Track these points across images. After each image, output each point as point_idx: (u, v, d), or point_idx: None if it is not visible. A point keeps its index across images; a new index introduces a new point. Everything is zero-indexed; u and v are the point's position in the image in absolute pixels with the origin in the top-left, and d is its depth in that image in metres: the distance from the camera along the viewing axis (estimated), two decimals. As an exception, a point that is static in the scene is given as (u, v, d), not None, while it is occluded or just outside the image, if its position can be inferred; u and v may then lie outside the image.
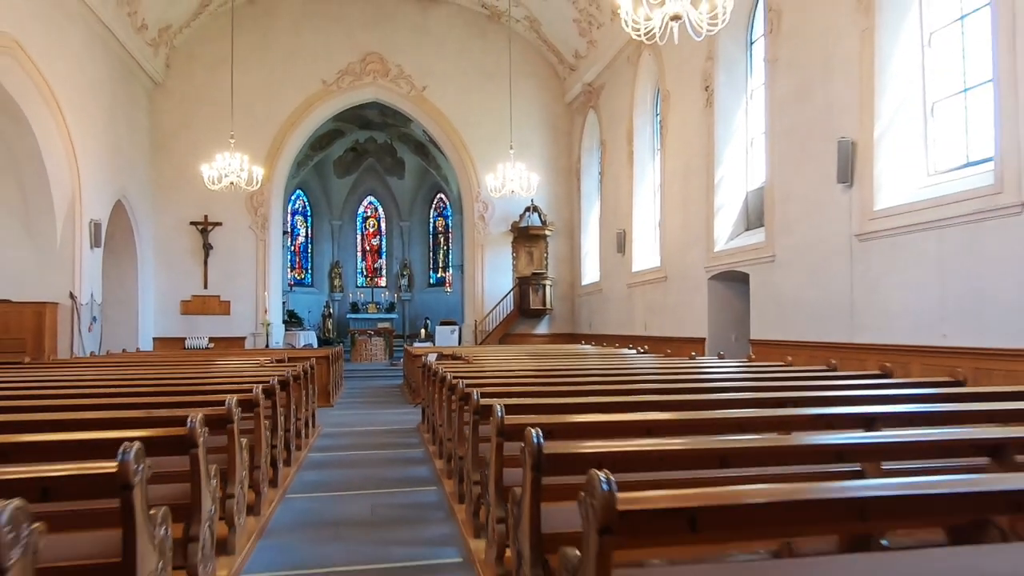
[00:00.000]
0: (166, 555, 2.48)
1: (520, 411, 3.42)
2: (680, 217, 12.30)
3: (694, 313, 11.61)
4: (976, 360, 6.21)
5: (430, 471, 6.01)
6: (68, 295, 11.78)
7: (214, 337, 16.29)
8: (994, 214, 6.01)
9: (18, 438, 2.68)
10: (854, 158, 7.76)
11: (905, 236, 7.06)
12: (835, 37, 8.13)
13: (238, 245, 16.68)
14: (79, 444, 2.66)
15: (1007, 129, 5.88)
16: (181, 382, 5.48)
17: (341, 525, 4.39)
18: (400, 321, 23.53)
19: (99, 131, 13.02)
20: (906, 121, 7.43)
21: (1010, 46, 5.85)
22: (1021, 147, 5.74)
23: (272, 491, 5.04)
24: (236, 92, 14.86)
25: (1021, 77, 5.75)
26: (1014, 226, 5.83)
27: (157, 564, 2.38)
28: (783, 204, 9.17)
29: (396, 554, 3.81)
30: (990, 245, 6.08)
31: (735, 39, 10.88)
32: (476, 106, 17.45)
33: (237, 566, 3.54)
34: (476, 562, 3.60)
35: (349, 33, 17.24)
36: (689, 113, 11.90)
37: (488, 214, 17.83)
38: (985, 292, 6.14)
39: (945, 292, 6.57)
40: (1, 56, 9.84)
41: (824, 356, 7.49)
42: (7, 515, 1.41)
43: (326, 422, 9.16)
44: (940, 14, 7.25)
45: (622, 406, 3.83)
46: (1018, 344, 5.81)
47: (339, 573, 3.57)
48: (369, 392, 13.67)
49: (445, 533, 4.19)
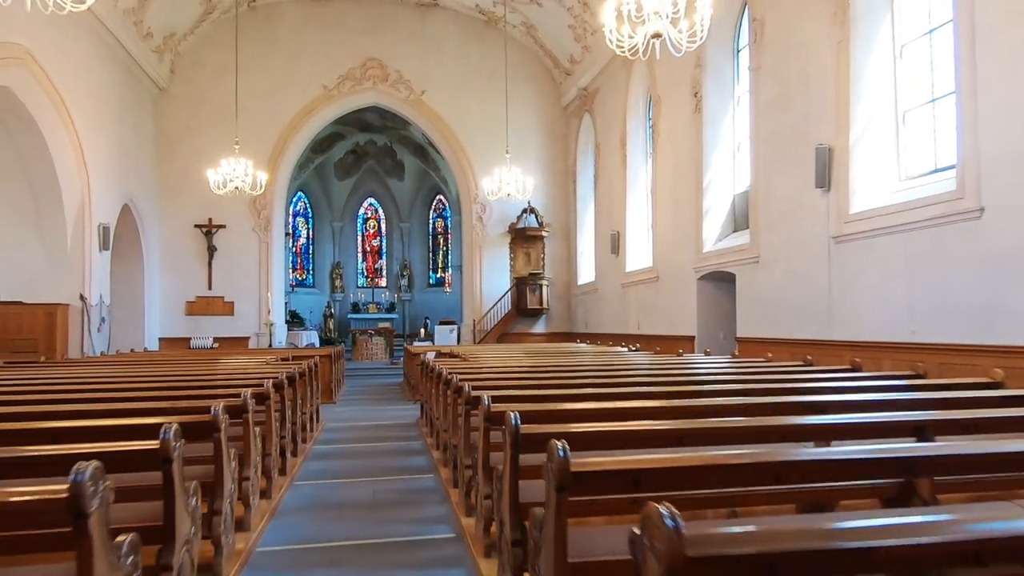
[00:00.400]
0: (197, 523, 2.88)
1: (506, 401, 3.81)
2: (671, 219, 12.69)
3: (684, 312, 12.01)
4: (941, 355, 6.60)
5: (427, 461, 6.41)
6: (78, 297, 12.19)
7: (218, 337, 16.71)
8: (956, 218, 6.40)
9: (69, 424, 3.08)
10: (831, 164, 8.15)
11: (877, 238, 7.45)
12: (813, 48, 8.52)
13: (242, 247, 17.09)
14: (119, 428, 3.06)
15: (967, 138, 6.28)
16: (196, 378, 5.88)
17: (345, 507, 4.80)
18: (400, 321, 23.94)
19: (107, 137, 13.43)
20: (879, 129, 7.83)
21: (970, 61, 6.24)
22: (980, 155, 6.14)
23: (281, 478, 5.45)
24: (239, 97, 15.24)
25: (980, 90, 6.14)
26: (973, 229, 6.23)
27: (190, 529, 2.78)
28: (766, 207, 9.56)
29: (395, 531, 4.21)
30: (953, 247, 6.48)
31: (722, 47, 11.27)
32: (474, 110, 17.85)
33: (253, 540, 3.95)
34: (467, 535, 4.01)
35: (349, 39, 17.64)
36: (679, 118, 12.29)
37: (486, 216, 18.23)
38: (949, 291, 6.53)
39: (913, 292, 6.97)
40: (15, 67, 10.25)
41: (804, 352, 7.87)
42: (89, 472, 1.80)
43: (329, 418, 9.55)
44: (910, 28, 7.65)
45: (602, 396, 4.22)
46: (978, 340, 6.20)
47: (343, 547, 3.97)
48: (370, 390, 14.06)
49: (440, 513, 4.59)
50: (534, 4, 16.39)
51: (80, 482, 1.77)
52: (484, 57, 17.87)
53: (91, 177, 12.50)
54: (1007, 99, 5.85)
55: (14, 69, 10.26)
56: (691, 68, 11.66)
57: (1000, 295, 5.93)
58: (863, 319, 7.68)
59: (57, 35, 11.35)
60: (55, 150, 11.56)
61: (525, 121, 18.10)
